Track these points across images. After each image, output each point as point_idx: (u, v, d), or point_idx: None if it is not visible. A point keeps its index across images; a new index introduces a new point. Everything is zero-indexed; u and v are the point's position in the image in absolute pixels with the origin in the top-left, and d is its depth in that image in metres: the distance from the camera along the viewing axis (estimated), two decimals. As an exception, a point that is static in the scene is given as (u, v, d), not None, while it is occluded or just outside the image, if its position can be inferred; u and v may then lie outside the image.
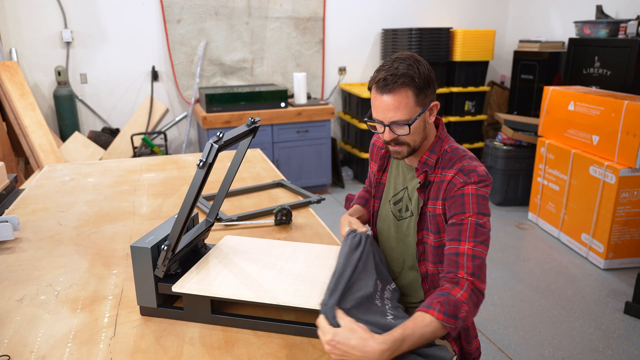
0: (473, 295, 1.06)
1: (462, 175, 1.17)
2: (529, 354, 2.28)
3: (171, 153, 4.44)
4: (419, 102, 1.17)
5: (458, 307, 1.03)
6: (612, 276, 2.99)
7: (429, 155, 1.24)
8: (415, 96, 1.16)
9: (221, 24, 4.30)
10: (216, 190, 1.94)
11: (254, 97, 4.01)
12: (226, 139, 1.06)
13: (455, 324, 1.02)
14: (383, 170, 1.38)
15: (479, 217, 1.13)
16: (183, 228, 1.06)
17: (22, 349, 1.03)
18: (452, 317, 1.02)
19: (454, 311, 1.02)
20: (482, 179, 1.17)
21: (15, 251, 1.50)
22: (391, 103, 1.16)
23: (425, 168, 1.24)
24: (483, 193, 1.16)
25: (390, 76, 1.14)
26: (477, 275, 1.08)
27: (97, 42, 4.07)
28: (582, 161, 3.19)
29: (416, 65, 1.16)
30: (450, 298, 1.04)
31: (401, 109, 1.16)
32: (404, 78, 1.14)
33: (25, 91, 3.60)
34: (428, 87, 1.18)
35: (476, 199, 1.14)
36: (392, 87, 1.14)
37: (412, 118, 1.17)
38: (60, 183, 2.17)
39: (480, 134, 5.00)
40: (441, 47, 4.50)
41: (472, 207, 1.14)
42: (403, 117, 1.16)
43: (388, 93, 1.15)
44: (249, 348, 1.03)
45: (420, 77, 1.15)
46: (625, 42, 3.39)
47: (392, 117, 1.17)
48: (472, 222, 1.13)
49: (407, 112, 1.16)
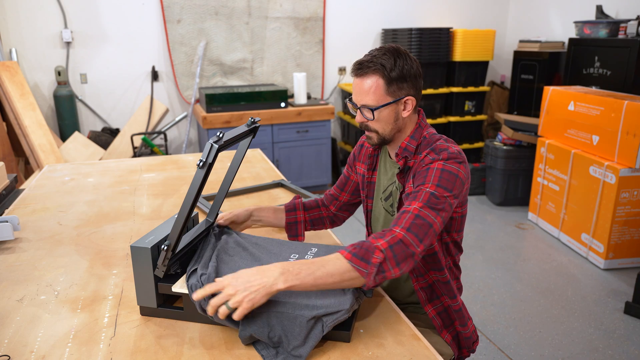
0: (397, 247, 1.02)
1: (433, 154, 1.18)
2: (529, 354, 2.28)
3: (171, 153, 4.45)
4: (389, 92, 1.20)
5: (370, 252, 1.01)
6: (612, 276, 2.99)
7: (410, 141, 1.26)
8: (386, 85, 1.19)
9: (221, 24, 4.30)
10: (216, 190, 1.94)
11: (254, 97, 4.01)
12: (226, 139, 1.06)
13: (368, 269, 1.00)
14: (373, 169, 1.39)
15: (437, 189, 1.11)
16: (183, 228, 1.06)
17: (22, 349, 1.03)
18: (362, 260, 1.00)
19: (364, 254, 1.00)
20: (452, 156, 1.16)
21: (15, 251, 1.50)
22: (361, 86, 1.21)
23: (405, 153, 1.25)
24: (450, 169, 1.14)
25: (365, 61, 1.20)
26: (412, 231, 1.04)
27: (97, 42, 4.07)
28: (582, 161, 3.19)
29: (394, 57, 1.19)
30: (365, 243, 1.03)
31: (370, 94, 1.20)
32: (376, 65, 1.18)
33: (25, 91, 3.60)
34: (403, 80, 1.20)
35: (440, 172, 1.13)
36: (364, 71, 1.20)
37: (379, 105, 1.20)
38: (60, 183, 2.17)
39: (480, 134, 5.01)
40: (441, 47, 4.50)
41: (433, 179, 1.12)
42: (370, 102, 1.21)
43: (359, 76, 1.21)
44: (249, 348, 1.03)
45: (395, 68, 1.18)
46: (625, 42, 3.39)
47: (361, 100, 1.22)
48: (428, 191, 1.10)
49: (375, 98, 1.20)
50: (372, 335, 1.07)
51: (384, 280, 1.03)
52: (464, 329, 1.32)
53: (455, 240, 1.31)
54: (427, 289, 1.29)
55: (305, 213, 1.50)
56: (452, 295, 1.29)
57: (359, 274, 1.00)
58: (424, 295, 1.29)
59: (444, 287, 1.28)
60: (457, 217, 1.27)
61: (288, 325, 0.99)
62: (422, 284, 1.29)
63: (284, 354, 0.99)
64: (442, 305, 1.30)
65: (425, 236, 1.06)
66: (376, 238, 1.04)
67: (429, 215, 1.07)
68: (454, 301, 1.29)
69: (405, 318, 1.15)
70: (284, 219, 1.47)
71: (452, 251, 1.31)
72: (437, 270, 1.27)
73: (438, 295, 1.29)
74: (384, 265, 1.01)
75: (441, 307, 1.30)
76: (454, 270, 1.35)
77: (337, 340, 1.04)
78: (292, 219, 1.48)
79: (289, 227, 1.48)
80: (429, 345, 1.04)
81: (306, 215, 1.50)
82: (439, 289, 1.29)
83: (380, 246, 1.01)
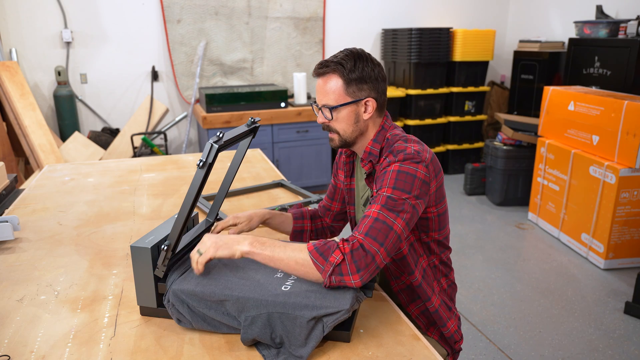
0: (357, 253, 1.02)
1: (391, 156, 1.17)
2: (529, 354, 2.28)
3: (171, 153, 4.45)
4: (348, 93, 1.21)
5: (330, 249, 1.03)
6: (612, 276, 2.99)
7: (373, 145, 1.25)
8: (345, 85, 1.20)
9: (221, 24, 4.30)
10: (216, 190, 1.94)
11: (254, 97, 4.01)
12: (226, 139, 1.06)
13: (324, 265, 1.01)
14: (350, 176, 1.39)
15: (393, 192, 1.09)
16: (183, 228, 1.06)
17: (22, 349, 1.03)
18: (321, 255, 1.02)
19: (325, 250, 1.03)
20: (408, 157, 1.14)
21: (15, 251, 1.50)
22: (322, 86, 1.23)
23: (370, 158, 1.24)
24: (406, 170, 1.12)
25: (325, 61, 1.22)
26: (371, 235, 1.04)
27: (97, 42, 4.07)
28: (582, 161, 3.19)
29: (354, 59, 1.20)
30: (330, 242, 1.05)
31: (329, 93, 1.21)
32: (334, 65, 1.20)
33: (25, 91, 3.60)
34: (363, 82, 1.20)
35: (396, 174, 1.12)
36: (323, 70, 1.22)
37: (337, 104, 1.21)
38: (60, 183, 2.17)
39: (480, 134, 5.01)
40: (441, 47, 4.50)
41: (389, 182, 1.11)
42: (329, 102, 1.22)
43: (319, 76, 1.23)
44: (249, 348, 1.03)
45: (355, 70, 1.19)
46: (625, 42, 3.39)
47: (322, 100, 1.23)
48: (384, 195, 1.10)
49: (334, 98, 1.21)
50: (372, 335, 1.07)
51: (341, 285, 1.03)
52: (444, 330, 1.32)
53: (437, 240, 1.29)
54: (406, 290, 1.30)
55: (311, 222, 1.50)
56: (427, 297, 1.28)
57: (316, 268, 1.02)
58: (405, 296, 1.30)
59: (418, 289, 1.27)
60: (433, 217, 1.24)
61: (289, 325, 0.99)
62: (401, 285, 1.30)
63: (285, 354, 0.99)
64: (423, 304, 1.30)
65: (386, 239, 1.05)
66: (342, 241, 1.05)
67: (387, 217, 1.07)
68: (429, 303, 1.29)
69: (405, 318, 1.15)
70: (291, 226, 1.47)
71: (436, 250, 1.30)
72: (408, 274, 1.26)
73: (419, 294, 1.29)
74: (342, 267, 1.01)
75: (423, 306, 1.30)
76: (441, 268, 1.33)
77: (337, 340, 1.04)
78: (298, 227, 1.48)
79: (294, 235, 1.48)
80: (428, 345, 1.04)
81: (312, 225, 1.50)
82: (417, 292, 1.29)
83: (342, 248, 1.02)
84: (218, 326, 1.06)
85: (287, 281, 1.08)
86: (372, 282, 1.13)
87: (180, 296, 1.06)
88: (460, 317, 1.39)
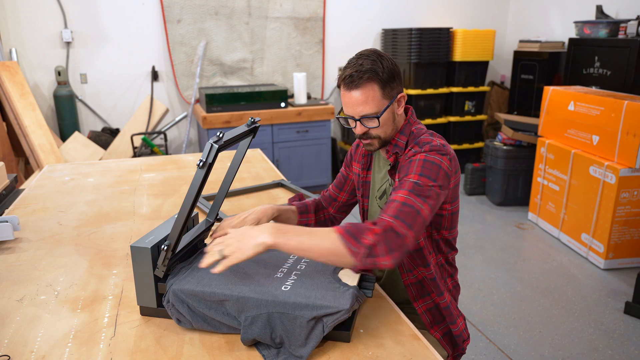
0: (389, 234, 1.01)
1: (417, 147, 1.20)
2: (529, 354, 2.28)
3: (171, 153, 4.45)
4: (385, 95, 1.21)
5: (362, 232, 1.01)
6: (612, 276, 2.99)
7: (399, 137, 1.27)
8: (381, 89, 1.20)
9: (221, 24, 4.30)
10: (216, 190, 1.94)
11: (254, 97, 4.01)
12: (226, 139, 1.06)
13: (356, 248, 0.99)
14: (367, 169, 1.40)
15: (420, 178, 1.11)
16: (183, 228, 1.06)
17: (22, 349, 1.03)
18: (353, 237, 1.00)
19: (357, 232, 1.01)
20: (434, 148, 1.17)
21: (15, 251, 1.50)
22: (359, 98, 1.19)
23: (396, 150, 1.26)
24: (432, 159, 1.14)
25: (355, 72, 1.18)
26: (400, 218, 1.04)
27: (97, 42, 4.07)
28: (582, 161, 3.19)
29: (379, 60, 1.20)
30: (360, 224, 1.03)
31: (369, 102, 1.20)
32: (369, 73, 1.18)
33: (25, 91, 3.60)
34: (393, 80, 1.21)
35: (422, 163, 1.14)
36: (359, 82, 1.18)
37: (380, 110, 1.21)
38: (60, 183, 2.17)
39: (480, 134, 5.01)
40: (441, 47, 4.50)
41: (416, 169, 1.13)
42: (371, 111, 1.20)
43: (355, 88, 1.19)
44: (249, 348, 1.03)
45: (385, 71, 1.19)
46: (625, 42, 3.39)
47: (361, 111, 1.21)
48: (411, 181, 1.11)
49: (375, 106, 1.20)
50: (372, 335, 1.07)
51: (374, 267, 1.02)
52: (454, 327, 1.33)
53: (447, 239, 1.31)
54: (416, 285, 1.30)
55: (315, 215, 1.50)
56: (439, 292, 1.30)
57: (348, 251, 0.99)
58: (414, 290, 1.31)
59: (432, 283, 1.29)
60: (447, 215, 1.27)
61: (289, 325, 0.99)
62: (412, 279, 1.30)
63: (285, 354, 0.99)
64: (432, 301, 1.31)
65: (414, 222, 1.05)
66: (371, 223, 1.04)
67: (415, 202, 1.07)
68: (441, 298, 1.30)
69: (405, 318, 1.15)
70: (296, 220, 1.47)
71: (444, 249, 1.32)
72: (423, 267, 1.28)
73: (428, 291, 1.30)
74: (375, 249, 1.00)
75: (431, 303, 1.31)
76: (447, 268, 1.35)
77: (337, 340, 1.04)
78: (303, 222, 1.48)
79: None
80: (428, 345, 1.04)
81: (315, 218, 1.50)
82: (428, 286, 1.30)
83: (373, 230, 1.01)
84: (218, 326, 1.06)
85: (287, 281, 1.08)
86: (372, 282, 1.13)
87: (180, 296, 1.06)
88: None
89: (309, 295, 1.02)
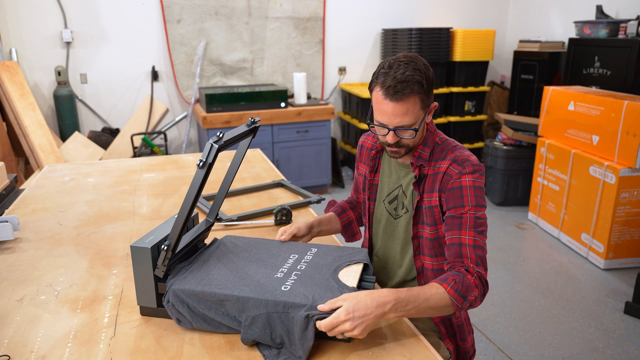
0: (480, 285, 1.11)
1: (457, 165, 1.19)
2: (529, 354, 2.28)
3: (171, 153, 4.45)
4: (423, 106, 1.18)
5: (469, 290, 1.08)
6: (612, 276, 2.99)
7: (423, 149, 1.25)
8: (422, 102, 1.17)
9: (221, 24, 4.30)
10: (216, 190, 1.94)
11: (254, 97, 4.01)
12: (226, 139, 1.06)
13: (462, 305, 1.07)
14: (375, 172, 1.39)
15: (477, 210, 1.16)
16: (183, 228, 1.06)
17: (22, 349, 1.03)
18: (462, 297, 1.07)
19: (465, 292, 1.07)
20: (476, 169, 1.19)
21: (15, 251, 1.50)
22: (400, 109, 1.15)
23: (420, 162, 1.25)
24: (479, 184, 1.18)
25: (399, 83, 1.13)
26: (481, 264, 1.13)
27: (97, 42, 4.07)
28: (582, 161, 3.19)
29: (424, 70, 1.16)
30: (465, 280, 1.09)
31: (409, 114, 1.16)
32: (413, 85, 1.13)
33: (25, 91, 3.60)
34: (431, 90, 1.19)
35: (474, 191, 1.17)
36: (402, 94, 1.13)
37: (418, 122, 1.18)
38: (60, 183, 2.17)
39: (480, 134, 5.01)
40: (441, 47, 4.50)
41: (470, 200, 1.16)
42: (409, 122, 1.17)
43: (398, 100, 1.14)
44: (249, 348, 1.03)
45: (428, 82, 1.16)
46: (625, 42, 3.39)
47: (399, 122, 1.17)
48: (471, 216, 1.16)
49: (414, 117, 1.17)
50: (372, 335, 1.07)
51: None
52: (463, 344, 1.33)
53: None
54: None
55: (353, 212, 1.54)
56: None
57: (455, 308, 1.08)
58: None
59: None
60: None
61: (289, 325, 0.99)
62: None
63: (285, 354, 0.99)
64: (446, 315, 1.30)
65: (486, 263, 1.15)
66: (466, 273, 1.10)
67: (482, 242, 1.16)
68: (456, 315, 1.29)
69: (405, 318, 1.15)
70: (339, 223, 1.49)
71: None
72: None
73: None
74: (474, 303, 1.10)
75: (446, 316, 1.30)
76: None
77: (337, 340, 1.04)
78: (345, 220, 1.51)
79: (344, 229, 1.51)
80: (428, 345, 1.04)
81: (354, 214, 1.54)
82: None
83: (473, 284, 1.09)
84: (218, 326, 1.06)
85: (287, 281, 1.08)
86: (372, 282, 1.13)
87: (180, 296, 1.06)
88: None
89: (308, 296, 1.02)
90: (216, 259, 1.20)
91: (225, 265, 1.16)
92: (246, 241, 1.31)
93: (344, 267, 1.16)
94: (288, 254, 1.23)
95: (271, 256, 1.22)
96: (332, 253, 1.23)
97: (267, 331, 1.00)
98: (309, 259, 1.20)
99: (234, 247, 1.27)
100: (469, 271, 1.11)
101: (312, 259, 1.20)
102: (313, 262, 1.18)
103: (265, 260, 1.20)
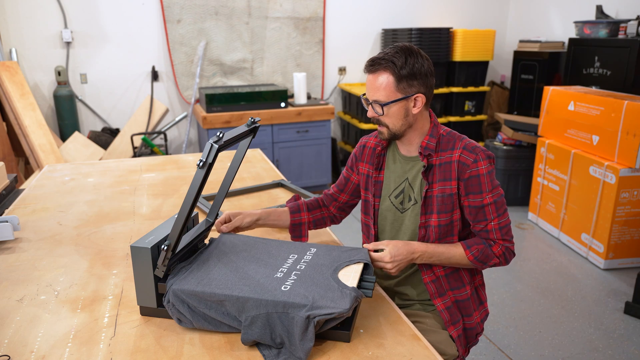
0: (506, 254, 1.30)
1: (468, 152, 1.27)
2: (529, 354, 2.28)
3: (171, 153, 4.44)
4: (399, 89, 1.24)
5: (489, 258, 1.28)
6: (612, 276, 2.99)
7: (429, 140, 1.30)
8: (396, 82, 1.23)
9: (221, 24, 4.30)
10: (216, 190, 1.94)
11: (254, 97, 4.01)
12: (226, 139, 1.06)
13: (482, 267, 1.32)
14: (379, 169, 1.40)
15: (494, 192, 1.27)
16: (183, 228, 1.06)
17: (22, 349, 1.03)
18: (481, 262, 1.29)
19: (484, 259, 1.28)
20: (487, 155, 1.29)
21: (15, 251, 1.50)
22: (373, 82, 1.26)
23: (427, 151, 1.30)
24: (491, 169, 1.29)
25: (377, 58, 1.25)
26: (506, 239, 1.30)
27: (97, 42, 4.07)
28: (582, 161, 3.19)
29: (405, 55, 1.23)
30: (487, 250, 1.28)
31: (381, 90, 1.24)
32: (386, 63, 1.23)
33: (25, 91, 3.60)
34: (413, 78, 1.24)
35: (489, 178, 1.27)
36: (375, 68, 1.25)
37: (388, 101, 1.24)
38: (60, 183, 2.17)
39: (480, 134, 5.01)
40: (441, 47, 4.50)
41: (487, 186, 1.27)
42: (381, 98, 1.25)
43: (371, 73, 1.26)
44: (249, 348, 1.03)
45: (405, 66, 1.22)
46: (625, 42, 3.39)
47: (373, 95, 1.27)
48: (491, 201, 1.27)
49: (385, 94, 1.24)
50: (372, 335, 1.07)
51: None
52: (468, 320, 1.36)
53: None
54: (435, 282, 1.34)
55: (309, 214, 1.51)
56: (460, 285, 1.35)
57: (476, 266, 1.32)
58: (433, 288, 1.34)
59: (452, 277, 1.34)
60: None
61: (289, 325, 0.99)
62: (431, 277, 1.34)
63: (285, 354, 0.99)
64: (450, 299, 1.34)
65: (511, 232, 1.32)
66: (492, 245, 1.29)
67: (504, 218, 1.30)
68: (461, 291, 1.35)
69: (405, 318, 1.15)
70: (289, 220, 1.48)
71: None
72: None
73: (446, 289, 1.34)
74: (496, 265, 1.31)
75: (449, 301, 1.34)
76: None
77: (337, 340, 1.04)
78: (296, 220, 1.49)
79: (293, 228, 1.49)
80: (429, 345, 1.04)
81: (310, 216, 1.51)
82: (447, 283, 1.34)
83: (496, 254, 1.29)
84: (219, 325, 1.06)
85: (287, 281, 1.08)
86: (372, 282, 1.13)
87: (180, 296, 1.06)
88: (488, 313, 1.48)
89: (308, 296, 1.02)
90: (216, 258, 1.20)
91: (225, 265, 1.16)
92: (245, 240, 1.31)
93: (343, 267, 1.16)
94: (287, 254, 1.23)
95: (271, 256, 1.22)
96: (332, 253, 1.23)
97: (267, 331, 1.00)
98: (308, 259, 1.20)
99: (234, 246, 1.27)
100: (497, 243, 1.29)
101: (311, 259, 1.20)
102: (313, 262, 1.19)
103: (264, 260, 1.20)
